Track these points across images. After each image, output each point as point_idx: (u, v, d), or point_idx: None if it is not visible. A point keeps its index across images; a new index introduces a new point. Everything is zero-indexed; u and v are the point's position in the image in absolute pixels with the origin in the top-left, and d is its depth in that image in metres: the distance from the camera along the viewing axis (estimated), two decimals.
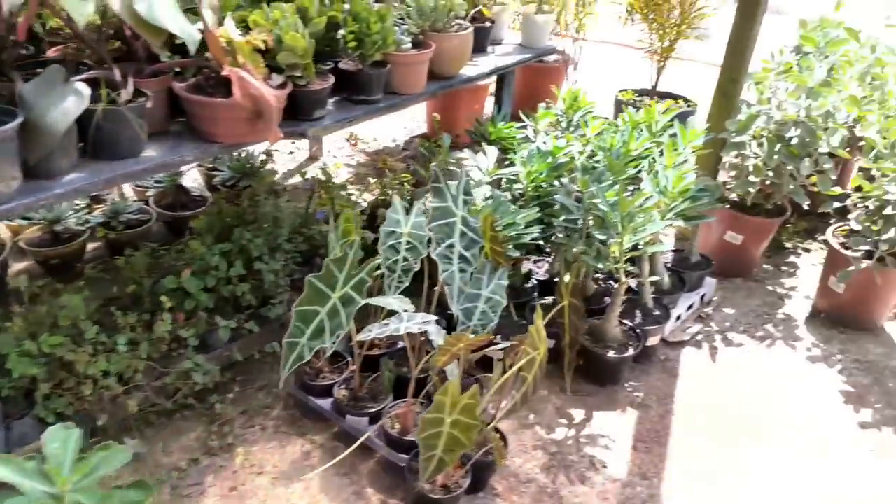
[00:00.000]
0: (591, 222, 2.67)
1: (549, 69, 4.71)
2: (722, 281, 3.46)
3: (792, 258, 3.75)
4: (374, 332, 2.08)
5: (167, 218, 3.41)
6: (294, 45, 2.05)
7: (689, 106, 4.68)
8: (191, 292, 2.59)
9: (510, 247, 2.49)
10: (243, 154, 3.73)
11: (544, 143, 2.96)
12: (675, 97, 4.78)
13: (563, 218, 2.68)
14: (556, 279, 2.96)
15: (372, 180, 4.09)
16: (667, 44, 4.31)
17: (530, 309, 2.92)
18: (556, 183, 2.78)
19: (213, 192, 3.72)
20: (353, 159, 4.55)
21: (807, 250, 3.81)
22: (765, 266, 3.64)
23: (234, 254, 2.81)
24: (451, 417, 1.83)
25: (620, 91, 4.76)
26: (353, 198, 4.07)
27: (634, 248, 2.62)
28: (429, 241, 2.35)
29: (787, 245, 3.83)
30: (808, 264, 3.68)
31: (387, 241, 2.39)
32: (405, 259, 2.40)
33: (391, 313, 2.14)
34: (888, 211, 2.77)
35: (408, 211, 2.45)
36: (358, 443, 2.28)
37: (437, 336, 2.10)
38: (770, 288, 3.47)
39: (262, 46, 2.03)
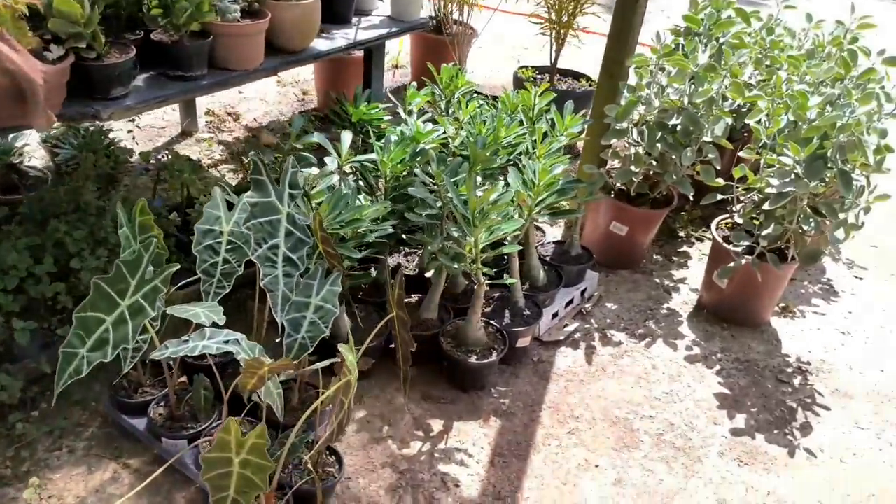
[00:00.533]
0: (451, 216, 2.43)
1: (446, 43, 4.43)
2: (608, 273, 3.28)
3: (684, 248, 3.60)
4: (169, 350, 1.79)
5: None
6: (66, 10, 1.72)
7: (590, 85, 4.47)
8: None
9: (352, 247, 2.22)
10: (90, 129, 3.35)
11: (410, 127, 2.69)
12: (577, 75, 4.57)
13: (424, 213, 2.42)
14: (426, 274, 2.73)
15: (246, 160, 3.76)
16: (565, 19, 4.07)
17: None
18: (417, 169, 2.51)
19: (60, 173, 3.34)
20: (231, 135, 4.19)
21: (700, 240, 3.66)
22: (655, 256, 3.47)
23: (50, 248, 2.47)
24: (239, 457, 1.56)
25: (520, 68, 4.51)
26: (226, 179, 3.74)
27: (497, 245, 2.39)
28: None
29: (681, 234, 3.67)
30: (701, 255, 3.53)
31: (203, 240, 2.09)
32: (226, 261, 2.11)
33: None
34: (768, 205, 2.60)
35: (231, 205, 2.16)
36: (165, 466, 2.00)
37: (246, 356, 1.83)
38: (657, 280, 3.31)
39: (26, 11, 1.69)
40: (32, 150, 3.61)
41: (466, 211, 2.20)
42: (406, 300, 2.74)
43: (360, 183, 2.61)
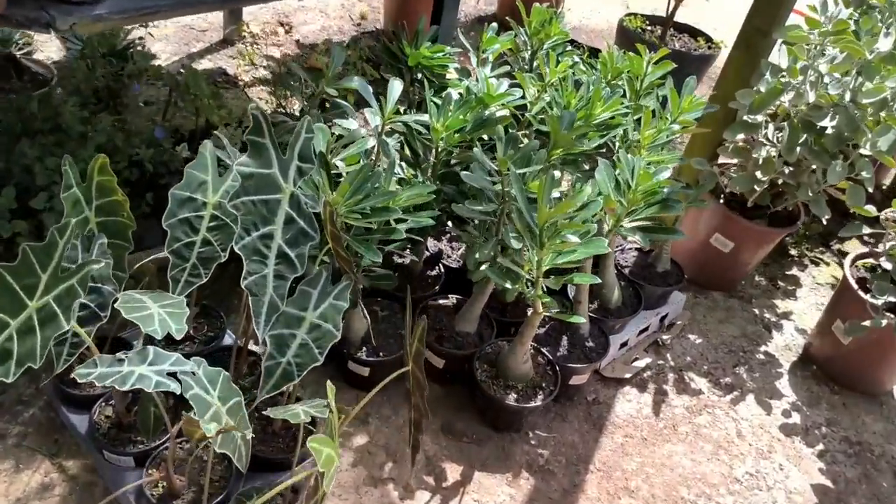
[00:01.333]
0: (513, 219, 1.84)
1: None
2: (696, 294, 2.66)
3: (795, 271, 2.93)
4: (95, 372, 1.30)
5: None
6: None
7: (710, 48, 3.71)
8: None
9: (375, 243, 1.67)
10: (111, 30, 2.82)
11: (479, 83, 2.07)
12: (694, 32, 3.80)
13: (479, 209, 1.84)
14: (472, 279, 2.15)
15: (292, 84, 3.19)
16: None
17: (422, 311, 2.14)
18: (476, 149, 1.91)
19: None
20: (279, 50, 3.62)
21: (816, 262, 2.98)
22: (757, 278, 2.82)
23: (18, 174, 2.02)
24: None
25: (627, 15, 3.77)
26: (260, 105, 3.20)
27: (565, 271, 1.80)
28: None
29: (793, 252, 3.00)
30: (814, 284, 2.87)
31: (179, 211, 1.57)
32: (206, 243, 1.59)
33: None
34: None
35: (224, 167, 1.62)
36: (106, 501, 1.56)
37: (201, 395, 1.33)
38: (756, 311, 2.67)
39: None
40: (45, 41, 3.13)
41: (533, 220, 1.61)
42: (442, 301, 2.20)
43: (406, 149, 2.03)
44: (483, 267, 1.86)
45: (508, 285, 1.75)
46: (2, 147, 2.04)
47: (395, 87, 1.97)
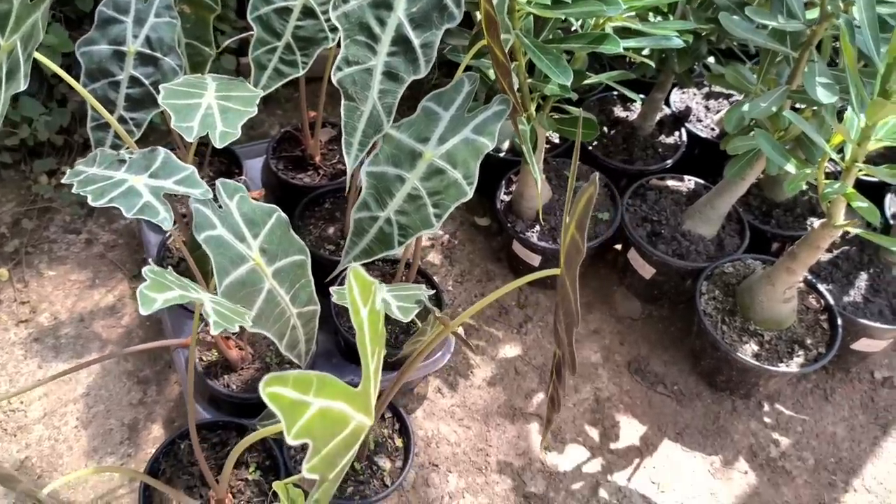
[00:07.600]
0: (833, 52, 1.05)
1: None
2: None
3: None
4: (83, 174, 0.84)
5: None
6: None
7: None
8: None
9: (566, 62, 1.00)
10: None
11: None
12: None
13: (770, 24, 1.05)
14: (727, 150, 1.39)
15: None
16: None
17: (638, 191, 1.44)
18: None
19: None
20: None
21: None
22: None
23: None
24: None
25: None
26: None
27: None
28: None
29: None
30: None
31: None
32: (309, 12, 1.03)
33: None
34: None
35: None
36: (151, 345, 1.17)
37: (229, 238, 0.82)
38: None
39: None
40: None
41: (879, 52, 0.82)
42: (671, 182, 1.49)
43: None
44: (752, 133, 1.11)
45: (791, 168, 0.99)
46: None
47: None
